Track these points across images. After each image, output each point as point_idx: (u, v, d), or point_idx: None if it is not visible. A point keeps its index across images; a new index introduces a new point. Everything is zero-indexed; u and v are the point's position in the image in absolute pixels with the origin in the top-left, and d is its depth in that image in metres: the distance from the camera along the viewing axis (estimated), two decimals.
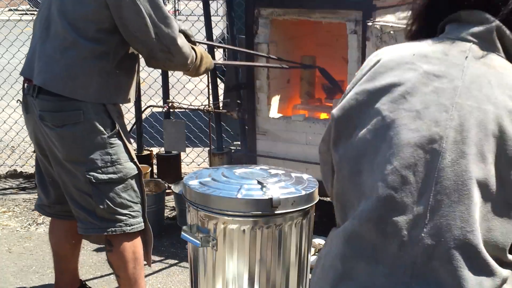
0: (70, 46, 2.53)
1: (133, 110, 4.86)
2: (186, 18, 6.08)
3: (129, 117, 5.78)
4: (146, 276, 3.46)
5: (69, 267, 2.99)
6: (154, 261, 3.61)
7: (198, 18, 5.69)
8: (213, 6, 5.35)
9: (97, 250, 3.78)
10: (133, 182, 2.69)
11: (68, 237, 2.91)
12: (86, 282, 3.21)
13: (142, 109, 4.73)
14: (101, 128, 2.59)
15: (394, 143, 1.14)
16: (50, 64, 2.55)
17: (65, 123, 2.55)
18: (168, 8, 15.41)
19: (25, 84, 2.67)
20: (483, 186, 1.10)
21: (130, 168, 2.67)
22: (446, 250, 1.08)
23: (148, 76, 5.65)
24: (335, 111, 1.26)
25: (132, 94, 2.74)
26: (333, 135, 1.26)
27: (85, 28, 2.53)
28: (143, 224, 2.73)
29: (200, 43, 3.07)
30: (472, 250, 1.08)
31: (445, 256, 1.08)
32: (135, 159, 2.71)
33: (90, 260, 3.67)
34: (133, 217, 2.69)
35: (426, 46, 1.25)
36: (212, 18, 4.73)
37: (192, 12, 6.03)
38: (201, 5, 4.53)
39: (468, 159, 1.11)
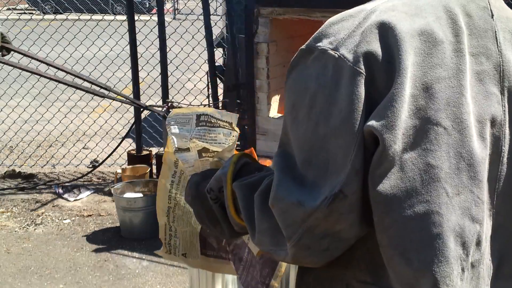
0: None
1: (132, 110, 4.85)
2: (186, 17, 6.06)
3: (128, 117, 5.77)
4: (145, 276, 3.44)
5: None
6: (153, 262, 3.59)
7: (198, 17, 5.67)
8: (212, 5, 5.33)
9: (96, 251, 3.77)
10: None
11: None
12: (86, 283, 3.19)
13: (141, 109, 4.71)
14: None
15: (468, 163, 0.90)
16: None
17: None
18: (167, 6, 15.42)
19: None
20: None
21: None
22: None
23: (147, 76, 5.63)
24: (376, 124, 0.86)
25: None
26: (376, 161, 0.87)
27: None
28: None
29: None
30: None
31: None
32: None
33: (89, 261, 3.65)
34: None
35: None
36: (212, 17, 4.71)
37: (191, 11, 6.01)
38: (200, 4, 4.51)
39: None
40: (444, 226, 0.88)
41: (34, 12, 17.49)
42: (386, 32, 0.89)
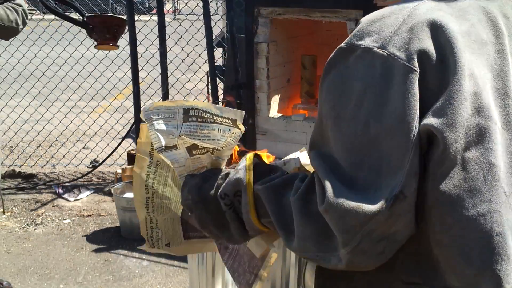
0: None
1: (132, 110, 4.85)
2: (186, 17, 6.06)
3: (128, 117, 5.77)
4: (145, 276, 3.44)
5: None
6: (153, 262, 3.59)
7: (198, 17, 5.67)
8: (212, 5, 5.33)
9: (96, 251, 3.76)
10: None
11: None
12: (86, 283, 3.19)
13: (141, 108, 4.71)
14: None
15: None
16: None
17: None
18: (167, 7, 15.41)
19: None
20: None
21: None
22: None
23: (147, 76, 5.63)
24: (435, 123, 0.86)
25: None
26: (437, 160, 0.87)
27: None
28: None
29: None
30: None
31: None
32: None
33: (89, 261, 3.65)
34: None
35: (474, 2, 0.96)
36: (212, 17, 4.71)
37: (191, 11, 6.00)
38: (200, 4, 4.51)
39: None
40: (504, 225, 0.88)
41: (34, 12, 17.48)
42: (437, 31, 0.88)
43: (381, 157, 0.87)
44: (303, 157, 1.30)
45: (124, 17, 2.48)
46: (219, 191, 1.08)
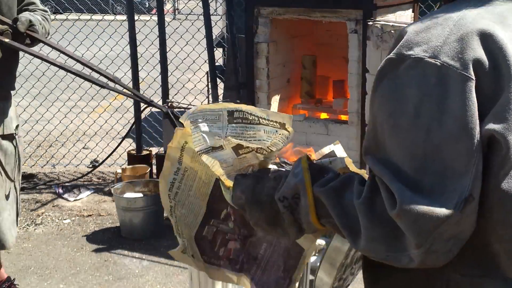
0: None
1: (132, 110, 4.85)
2: (186, 17, 6.06)
3: (128, 117, 5.77)
4: (145, 276, 3.44)
5: None
6: (153, 262, 3.59)
7: (198, 17, 5.67)
8: (212, 5, 5.33)
9: (96, 251, 3.77)
10: None
11: None
12: (86, 283, 3.18)
13: (141, 109, 4.72)
14: None
15: None
16: None
17: None
18: (167, 7, 15.44)
19: None
20: None
21: None
22: None
23: (147, 76, 5.64)
24: (497, 128, 0.93)
25: None
26: (500, 162, 0.94)
27: None
28: None
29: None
30: None
31: None
32: None
33: (90, 261, 3.65)
34: None
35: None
36: (212, 17, 4.71)
37: (191, 11, 6.01)
38: (200, 4, 4.52)
39: None
40: None
41: None
42: (487, 39, 0.95)
43: (445, 163, 0.93)
44: (338, 150, 1.34)
45: (125, 17, 2.51)
46: (278, 194, 1.14)
